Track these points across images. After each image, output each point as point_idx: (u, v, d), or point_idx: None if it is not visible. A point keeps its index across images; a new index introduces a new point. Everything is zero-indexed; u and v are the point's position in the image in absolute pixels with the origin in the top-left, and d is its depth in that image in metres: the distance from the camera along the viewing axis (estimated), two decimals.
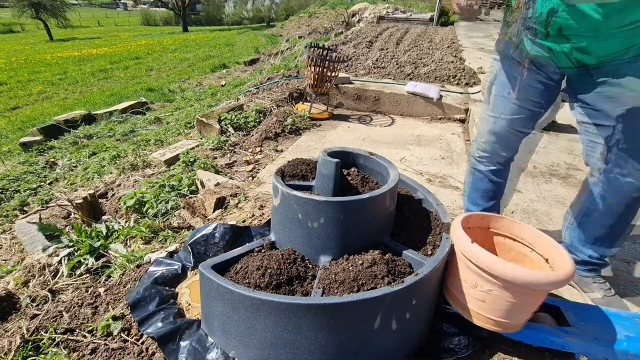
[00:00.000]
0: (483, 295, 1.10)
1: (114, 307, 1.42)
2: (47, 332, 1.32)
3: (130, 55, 13.98)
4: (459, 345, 1.23)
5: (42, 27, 23.13)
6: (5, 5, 35.72)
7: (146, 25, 34.08)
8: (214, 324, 1.17)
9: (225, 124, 3.51)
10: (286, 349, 1.04)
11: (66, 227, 2.41)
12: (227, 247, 1.48)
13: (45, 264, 1.71)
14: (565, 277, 1.01)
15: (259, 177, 2.53)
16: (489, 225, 1.32)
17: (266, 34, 19.59)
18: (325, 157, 1.25)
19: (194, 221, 2.04)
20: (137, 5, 49.45)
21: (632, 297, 1.52)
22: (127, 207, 2.27)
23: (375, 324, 1.03)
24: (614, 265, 1.71)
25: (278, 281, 1.12)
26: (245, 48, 14.82)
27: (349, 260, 1.16)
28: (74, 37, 21.90)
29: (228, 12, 35.30)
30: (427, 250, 1.25)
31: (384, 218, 1.26)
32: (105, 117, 5.58)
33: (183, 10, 27.56)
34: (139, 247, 1.87)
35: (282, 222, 1.27)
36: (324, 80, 3.64)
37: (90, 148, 4.25)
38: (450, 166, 2.73)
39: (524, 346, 1.24)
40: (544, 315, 1.27)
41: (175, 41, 18.84)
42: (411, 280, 1.05)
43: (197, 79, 9.15)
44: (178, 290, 1.47)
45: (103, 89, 8.90)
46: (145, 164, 3.14)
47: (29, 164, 4.02)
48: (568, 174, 2.63)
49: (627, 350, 1.13)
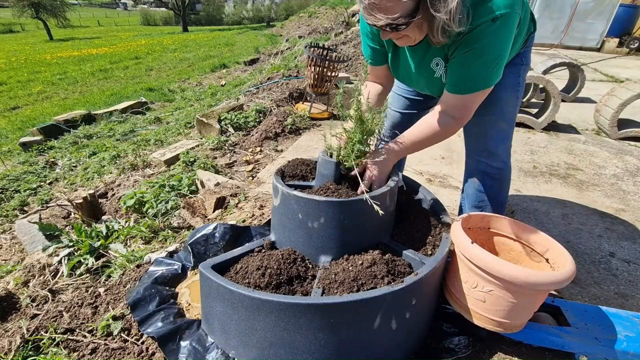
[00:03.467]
0: (483, 296, 1.10)
1: (114, 307, 1.42)
2: (47, 332, 1.32)
3: (130, 55, 13.98)
4: (459, 345, 1.23)
5: (42, 27, 23.14)
6: (5, 5, 35.72)
7: (146, 25, 34.09)
8: (214, 324, 1.17)
9: (225, 123, 3.51)
10: (286, 349, 1.04)
11: (66, 227, 2.41)
12: (227, 247, 1.48)
13: (45, 264, 1.71)
14: (566, 277, 1.01)
15: (259, 177, 2.53)
16: (489, 225, 1.32)
17: (266, 33, 19.58)
18: (325, 157, 1.24)
19: (194, 221, 2.04)
20: (137, 5, 49.42)
21: (632, 297, 1.52)
22: (127, 207, 2.27)
23: (375, 323, 1.03)
24: (614, 265, 1.71)
25: (278, 281, 1.12)
26: (245, 48, 14.81)
27: (348, 260, 1.16)
28: (73, 37, 21.91)
29: (228, 12, 35.31)
30: (427, 250, 1.25)
31: (384, 218, 1.25)
32: (105, 117, 5.58)
33: (183, 10, 27.57)
34: (139, 247, 1.87)
35: (282, 222, 1.27)
36: (324, 80, 3.64)
37: (90, 148, 4.25)
38: (450, 166, 2.73)
39: (524, 346, 1.24)
40: (544, 315, 1.27)
41: (175, 41, 18.85)
42: (411, 280, 1.05)
43: (197, 79, 9.15)
44: (178, 290, 1.47)
45: (103, 88, 8.90)
46: (145, 164, 3.14)
47: (29, 164, 4.02)
48: (568, 174, 2.63)
49: (627, 350, 1.13)
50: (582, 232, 1.95)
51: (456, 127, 1.25)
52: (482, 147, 1.49)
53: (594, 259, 1.74)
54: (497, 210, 1.56)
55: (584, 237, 1.91)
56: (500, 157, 1.48)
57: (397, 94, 1.70)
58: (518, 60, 1.38)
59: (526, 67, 1.42)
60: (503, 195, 1.57)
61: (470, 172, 1.58)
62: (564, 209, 2.16)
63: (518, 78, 1.39)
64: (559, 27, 8.30)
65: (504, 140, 1.48)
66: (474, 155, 1.53)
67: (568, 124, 3.67)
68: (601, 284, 1.59)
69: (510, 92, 1.39)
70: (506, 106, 1.41)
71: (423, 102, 1.66)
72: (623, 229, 1.99)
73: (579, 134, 3.45)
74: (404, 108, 1.69)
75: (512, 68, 1.37)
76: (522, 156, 2.86)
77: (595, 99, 4.38)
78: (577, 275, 1.61)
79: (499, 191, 1.55)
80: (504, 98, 1.38)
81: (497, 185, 1.52)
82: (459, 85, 1.18)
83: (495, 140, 1.46)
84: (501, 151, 1.48)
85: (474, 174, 1.55)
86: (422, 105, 1.67)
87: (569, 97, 4.36)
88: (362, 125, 1.20)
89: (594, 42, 8.35)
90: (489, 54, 1.09)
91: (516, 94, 1.41)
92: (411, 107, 1.68)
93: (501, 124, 1.44)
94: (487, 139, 1.46)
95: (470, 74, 1.14)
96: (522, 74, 1.41)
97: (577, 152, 3.00)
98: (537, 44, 8.44)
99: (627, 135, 3.29)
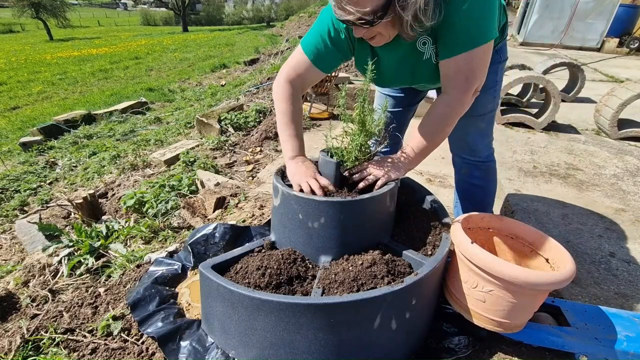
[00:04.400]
0: (483, 296, 1.10)
1: (114, 307, 1.42)
2: (47, 332, 1.32)
3: (130, 55, 13.98)
4: (459, 345, 1.23)
5: (42, 27, 23.15)
6: (5, 5, 35.72)
7: (146, 25, 34.09)
8: (214, 324, 1.17)
9: (225, 123, 3.51)
10: (286, 349, 1.04)
11: (66, 227, 2.41)
12: (227, 247, 1.48)
13: (45, 264, 1.71)
14: (566, 277, 1.01)
15: (259, 177, 2.53)
16: (489, 225, 1.32)
17: (266, 34, 19.59)
18: (326, 157, 1.24)
19: (194, 221, 2.04)
20: (137, 5, 49.41)
21: (632, 297, 1.52)
22: (127, 207, 2.27)
23: (375, 323, 1.03)
24: (614, 265, 1.71)
25: (278, 281, 1.12)
26: (245, 48, 14.81)
27: (349, 260, 1.16)
28: (73, 37, 21.92)
29: (228, 12, 35.32)
30: (427, 250, 1.25)
31: (384, 218, 1.26)
32: (105, 117, 5.58)
33: (183, 10, 27.58)
34: (139, 247, 1.87)
35: (282, 222, 1.27)
36: (324, 80, 3.65)
37: (90, 148, 4.25)
38: (450, 166, 2.72)
39: (524, 346, 1.24)
40: (544, 315, 1.27)
41: (175, 41, 18.85)
42: (411, 280, 1.05)
43: (197, 79, 9.15)
44: (178, 290, 1.47)
45: (103, 88, 8.91)
46: (145, 164, 3.14)
47: (29, 164, 4.03)
48: (568, 174, 2.63)
49: (627, 350, 1.13)
50: (582, 232, 1.95)
51: (464, 98, 1.13)
52: (464, 145, 1.59)
53: (594, 259, 1.74)
54: (487, 200, 1.68)
55: (584, 237, 1.91)
56: (482, 152, 1.57)
57: (382, 93, 1.69)
58: (496, 58, 1.35)
59: (504, 64, 1.43)
60: (491, 185, 1.67)
61: (457, 167, 1.71)
62: (564, 209, 2.16)
63: (495, 76, 1.40)
64: (559, 27, 8.30)
65: (484, 137, 1.55)
66: (458, 152, 1.65)
67: (568, 124, 3.67)
68: (601, 284, 1.59)
69: (489, 92, 1.39)
70: (484, 107, 1.44)
71: (406, 99, 1.65)
72: (623, 229, 1.99)
73: (579, 134, 3.45)
74: (391, 107, 1.67)
75: (490, 67, 1.31)
76: (522, 156, 2.86)
77: (595, 99, 4.38)
78: (577, 275, 1.61)
79: (487, 181, 1.66)
80: (482, 99, 1.35)
81: (484, 176, 1.64)
82: (454, 44, 1.07)
83: (476, 138, 1.54)
84: (482, 147, 1.56)
85: (461, 167, 1.67)
86: (406, 102, 1.66)
87: (569, 97, 4.36)
88: (363, 127, 1.20)
89: (594, 42, 8.35)
90: (477, 8, 1.02)
91: (494, 93, 1.43)
92: (397, 105, 1.67)
93: (480, 124, 1.50)
94: (467, 137, 1.54)
95: (464, 29, 1.04)
96: (499, 72, 1.41)
97: (577, 152, 3.00)
98: (537, 44, 8.45)
99: (627, 135, 3.29)
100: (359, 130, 1.21)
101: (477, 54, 1.07)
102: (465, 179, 1.68)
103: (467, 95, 1.13)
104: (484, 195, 1.67)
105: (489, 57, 1.12)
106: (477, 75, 1.11)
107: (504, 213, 2.19)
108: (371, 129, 1.21)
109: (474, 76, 1.10)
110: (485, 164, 1.61)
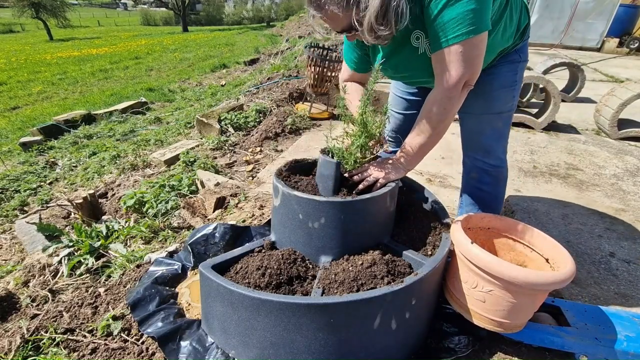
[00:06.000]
0: (483, 296, 1.10)
1: (114, 307, 1.42)
2: (47, 332, 1.32)
3: (130, 55, 13.97)
4: (459, 344, 1.23)
5: (42, 27, 23.14)
6: (5, 5, 35.73)
7: (146, 25, 34.08)
8: (214, 324, 1.17)
9: (225, 123, 3.51)
10: (286, 349, 1.04)
11: (66, 227, 2.41)
12: (227, 247, 1.48)
13: (45, 264, 1.71)
14: (566, 277, 1.01)
15: (259, 177, 2.53)
16: (489, 225, 1.32)
17: (266, 34, 19.58)
18: (326, 158, 1.24)
19: (194, 221, 2.04)
20: (137, 5, 49.39)
21: (632, 297, 1.52)
22: (127, 207, 2.27)
23: (375, 323, 1.03)
24: (614, 265, 1.71)
25: (278, 281, 1.12)
26: (245, 48, 14.81)
27: (349, 260, 1.16)
28: (74, 37, 21.91)
29: (228, 12, 35.32)
30: (427, 250, 1.25)
31: (384, 218, 1.26)
32: (105, 117, 5.58)
33: (183, 10, 27.56)
34: (139, 247, 1.87)
35: (283, 222, 1.27)
36: (324, 80, 3.65)
37: (90, 148, 4.25)
38: (450, 166, 2.73)
39: (524, 346, 1.24)
40: (544, 315, 1.27)
41: (175, 41, 18.85)
42: (411, 280, 1.05)
43: (197, 79, 9.15)
44: (178, 290, 1.47)
45: (103, 88, 8.90)
46: (145, 164, 3.14)
47: (29, 164, 4.02)
48: (568, 174, 2.63)
49: (627, 350, 1.13)
50: (582, 232, 1.95)
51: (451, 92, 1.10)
52: (478, 145, 1.50)
53: (594, 259, 1.74)
54: (495, 206, 1.59)
55: (584, 237, 1.91)
56: (496, 155, 1.49)
57: (397, 96, 1.68)
58: (515, 57, 1.35)
59: (524, 64, 1.40)
60: (500, 192, 1.59)
61: (467, 169, 1.60)
62: (564, 209, 2.16)
63: (515, 76, 1.37)
64: (559, 27, 8.30)
65: (500, 139, 1.48)
66: (471, 153, 1.55)
67: (568, 124, 3.67)
68: (601, 284, 1.59)
69: (507, 90, 1.37)
70: (502, 105, 1.40)
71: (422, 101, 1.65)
72: (623, 229, 1.99)
73: (579, 134, 3.45)
74: (405, 109, 1.67)
75: (510, 65, 1.34)
76: (522, 156, 2.86)
77: (595, 99, 4.38)
78: (577, 275, 1.61)
79: (496, 187, 1.57)
80: (500, 97, 1.36)
81: (494, 182, 1.55)
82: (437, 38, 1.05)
83: (491, 138, 1.46)
84: (497, 149, 1.48)
85: (471, 171, 1.57)
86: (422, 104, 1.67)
87: (569, 97, 4.36)
88: (365, 128, 1.20)
89: (594, 42, 8.35)
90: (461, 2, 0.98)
91: (512, 92, 1.39)
92: (411, 107, 1.66)
93: (497, 123, 1.44)
94: (483, 137, 1.46)
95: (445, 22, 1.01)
96: (519, 72, 1.38)
97: (577, 152, 3.00)
98: (537, 44, 8.45)
99: (627, 135, 3.29)
100: (360, 132, 1.21)
101: (464, 47, 1.03)
102: (474, 184, 1.59)
103: (453, 89, 1.10)
104: (492, 200, 1.59)
105: (480, 51, 1.07)
106: (463, 68, 1.06)
107: (504, 213, 2.19)
108: (372, 131, 1.21)
109: (460, 69, 1.06)
110: (497, 170, 1.52)
